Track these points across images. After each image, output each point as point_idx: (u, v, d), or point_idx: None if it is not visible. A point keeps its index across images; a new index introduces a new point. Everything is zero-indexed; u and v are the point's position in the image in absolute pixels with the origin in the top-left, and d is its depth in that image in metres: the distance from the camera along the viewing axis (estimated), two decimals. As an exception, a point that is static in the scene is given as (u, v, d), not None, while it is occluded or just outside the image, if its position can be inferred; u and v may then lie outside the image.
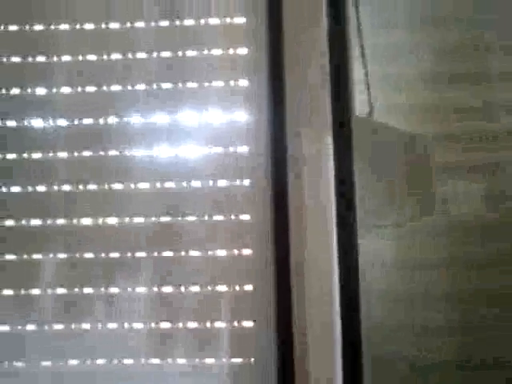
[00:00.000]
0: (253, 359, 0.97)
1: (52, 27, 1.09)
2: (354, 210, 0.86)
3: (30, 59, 1.09)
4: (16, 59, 1.09)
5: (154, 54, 1.08)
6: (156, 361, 1.00)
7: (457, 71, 1.05)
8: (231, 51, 1.06)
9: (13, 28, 1.09)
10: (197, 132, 1.05)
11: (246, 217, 1.01)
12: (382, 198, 0.91)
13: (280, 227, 0.95)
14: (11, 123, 1.08)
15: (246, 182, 1.02)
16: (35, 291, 1.03)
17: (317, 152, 0.93)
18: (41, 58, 1.09)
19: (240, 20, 1.06)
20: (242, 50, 1.05)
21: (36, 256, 1.04)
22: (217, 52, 1.06)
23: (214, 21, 1.07)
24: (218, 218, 1.02)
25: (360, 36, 1.00)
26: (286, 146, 0.95)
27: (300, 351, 0.92)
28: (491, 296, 0.99)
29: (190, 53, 1.07)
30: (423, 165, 0.93)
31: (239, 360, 0.99)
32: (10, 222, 1.06)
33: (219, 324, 0.99)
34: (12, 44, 1.09)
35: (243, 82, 1.05)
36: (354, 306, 0.90)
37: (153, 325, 1.01)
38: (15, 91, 1.09)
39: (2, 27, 1.09)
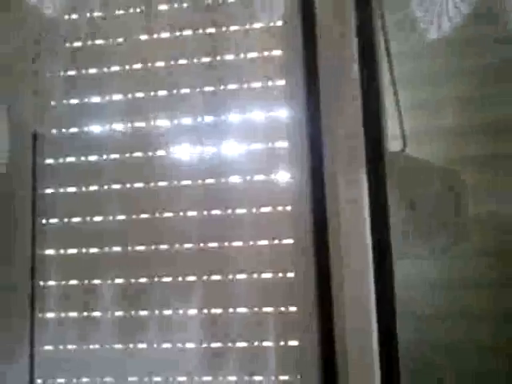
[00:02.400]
0: (299, 376, 1.02)
1: (105, 70, 1.19)
2: (389, 241, 0.89)
3: (86, 100, 1.19)
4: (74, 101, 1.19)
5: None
6: (208, 378, 1.07)
7: (489, 93, 1.07)
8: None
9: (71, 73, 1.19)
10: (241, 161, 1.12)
11: (289, 241, 1.07)
12: (415, 231, 0.94)
13: (322, 251, 1.00)
14: (71, 159, 1.18)
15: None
16: (96, 313, 1.12)
17: (352, 183, 0.98)
18: (95, 99, 1.18)
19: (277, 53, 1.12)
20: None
21: (95, 281, 1.13)
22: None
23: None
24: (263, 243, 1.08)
25: (390, 63, 1.02)
26: (323, 175, 1.00)
27: (341, 367, 0.96)
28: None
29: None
30: (455, 196, 0.95)
31: (286, 377, 1.04)
32: (72, 250, 1.15)
33: (266, 343, 1.05)
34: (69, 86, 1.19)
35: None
36: (391, 325, 0.93)
37: (204, 345, 1.08)
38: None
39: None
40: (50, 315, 1.13)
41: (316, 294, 0.99)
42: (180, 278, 1.10)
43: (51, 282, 1.14)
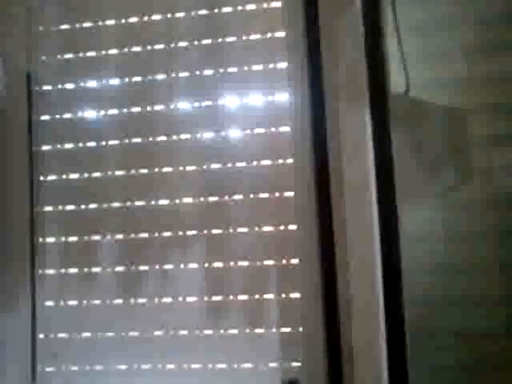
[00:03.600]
0: (301, 328, 1.02)
1: (99, 23, 1.16)
2: (393, 183, 0.88)
3: (81, 54, 1.16)
4: (69, 55, 1.16)
5: (195, 42, 1.12)
6: (209, 332, 1.07)
7: (494, 43, 1.04)
8: (269, 35, 1.09)
9: (65, 27, 1.17)
10: (240, 114, 1.10)
11: (290, 194, 1.05)
12: (421, 171, 0.92)
13: (322, 203, 0.98)
14: (67, 115, 1.16)
15: (289, 160, 1.05)
16: (96, 269, 1.11)
17: (355, 127, 0.95)
18: (91, 53, 1.16)
19: (277, 4, 1.09)
20: (280, 34, 1.08)
21: (95, 237, 1.12)
22: (255, 36, 1.09)
23: (251, 6, 1.11)
24: (263, 195, 1.07)
25: (394, 10, 0.99)
26: (325, 123, 0.98)
27: (345, 323, 0.95)
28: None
29: (230, 39, 1.11)
30: (462, 137, 0.94)
31: (288, 329, 1.04)
32: (70, 207, 1.14)
33: (268, 296, 1.04)
34: (65, 41, 1.16)
35: (282, 65, 1.08)
36: (397, 279, 0.92)
37: (205, 298, 1.07)
38: (70, 85, 1.16)
39: (56, 27, 1.17)
40: (51, 271, 1.13)
41: (318, 246, 0.98)
42: (180, 233, 1.09)
43: (51, 239, 1.13)
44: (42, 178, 1.15)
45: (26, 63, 1.14)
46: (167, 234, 1.09)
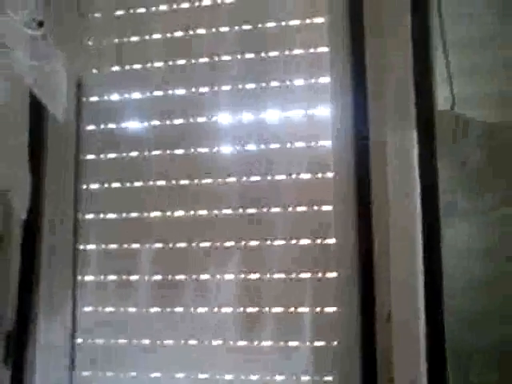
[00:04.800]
0: (335, 342, 1.00)
1: (146, 37, 1.19)
2: (438, 199, 0.86)
3: (127, 67, 1.20)
4: (116, 68, 1.20)
5: (238, 56, 1.14)
6: (243, 343, 1.06)
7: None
8: (312, 50, 1.10)
9: (115, 40, 1.21)
10: (281, 128, 1.10)
11: (329, 208, 1.04)
12: (465, 188, 0.90)
13: (363, 218, 0.97)
14: (111, 125, 1.19)
15: (330, 175, 1.05)
16: (134, 277, 1.13)
17: (400, 144, 0.94)
18: (137, 66, 1.19)
19: (320, 19, 1.10)
20: (323, 49, 1.09)
21: (135, 245, 1.14)
22: (298, 51, 1.10)
23: (294, 22, 1.12)
24: (302, 209, 1.06)
25: (442, 28, 0.99)
26: (369, 139, 0.97)
27: (383, 338, 0.93)
28: None
29: (273, 53, 1.12)
30: (507, 153, 0.92)
31: (322, 343, 1.02)
32: (112, 215, 1.17)
33: (302, 309, 1.03)
34: (113, 54, 1.20)
35: (324, 79, 1.08)
36: (438, 296, 0.90)
37: (241, 309, 1.07)
38: (115, 97, 1.20)
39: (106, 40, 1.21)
40: (91, 278, 1.15)
41: (357, 260, 0.96)
42: (218, 243, 1.09)
43: (91, 246, 1.16)
44: (85, 186, 1.18)
45: (77, 75, 1.18)
46: (205, 244, 1.10)
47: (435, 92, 0.93)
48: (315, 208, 1.06)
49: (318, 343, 1.02)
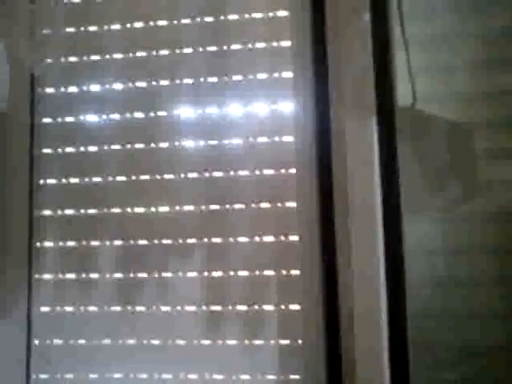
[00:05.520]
0: (300, 341, 1.00)
1: (105, 27, 1.15)
2: (399, 195, 0.87)
3: (85, 58, 1.15)
4: (73, 59, 1.16)
5: (200, 49, 1.12)
6: (207, 342, 1.05)
7: (497, 58, 1.04)
8: (275, 43, 1.09)
9: (70, 30, 1.16)
10: (243, 123, 1.09)
11: (292, 204, 1.04)
12: (426, 184, 0.92)
13: (326, 213, 0.98)
14: (69, 119, 1.15)
15: (292, 171, 1.04)
16: (94, 275, 1.10)
17: (361, 140, 0.94)
18: (95, 57, 1.15)
19: (283, 13, 1.09)
20: (286, 43, 1.08)
21: (94, 243, 1.11)
22: (260, 45, 1.09)
23: (257, 14, 1.11)
24: (265, 205, 1.06)
25: (402, 24, 0.99)
26: (329, 133, 0.97)
27: (346, 336, 0.94)
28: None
29: (235, 46, 1.10)
30: (466, 151, 0.94)
31: (287, 341, 1.02)
32: (69, 211, 1.13)
33: (267, 307, 1.03)
34: (69, 45, 1.16)
35: (287, 74, 1.07)
36: (400, 292, 0.91)
37: (204, 307, 1.06)
38: (72, 89, 1.15)
39: (60, 30, 1.16)
40: (48, 276, 1.11)
41: (320, 257, 0.97)
42: (180, 240, 1.08)
43: (48, 243, 1.12)
44: (41, 182, 1.14)
45: (30, 66, 1.13)
46: (167, 241, 1.08)
47: (396, 88, 0.93)
48: (279, 204, 1.05)
49: (283, 341, 1.02)
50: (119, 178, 1.12)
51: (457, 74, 1.03)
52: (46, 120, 1.15)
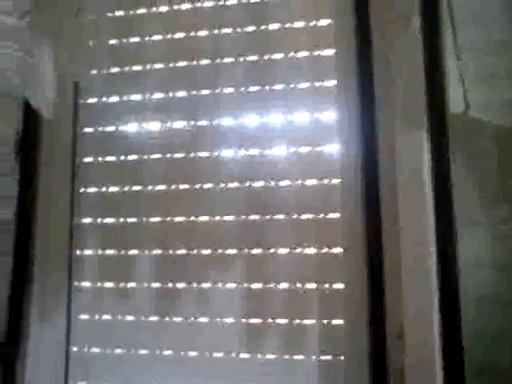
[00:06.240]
0: (343, 357, 0.97)
1: (146, 38, 1.16)
2: (452, 207, 0.83)
3: (126, 68, 1.16)
4: (115, 69, 1.16)
5: (241, 59, 1.11)
6: (246, 356, 1.03)
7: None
8: (317, 52, 1.07)
9: (113, 41, 1.18)
10: (285, 132, 1.07)
11: (336, 215, 1.01)
12: (478, 195, 0.87)
13: (372, 225, 0.94)
14: (110, 128, 1.16)
15: (336, 181, 1.02)
16: (132, 284, 1.09)
17: (411, 149, 0.91)
18: (136, 67, 1.16)
19: (326, 21, 1.07)
20: (329, 51, 1.06)
21: (133, 251, 1.10)
22: (303, 53, 1.07)
23: (299, 23, 1.09)
24: (308, 216, 1.03)
25: (454, 30, 0.96)
26: (377, 143, 0.94)
27: (394, 351, 0.90)
28: None
29: (277, 56, 1.09)
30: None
31: (329, 357, 0.99)
32: (109, 220, 1.13)
33: (309, 321, 1.00)
34: (111, 56, 1.17)
35: (330, 83, 1.05)
36: (454, 306, 0.86)
37: (243, 320, 1.03)
38: (114, 98, 1.16)
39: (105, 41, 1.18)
40: (87, 284, 1.11)
41: (366, 270, 0.93)
42: (220, 251, 1.06)
43: (88, 251, 1.12)
44: (82, 190, 1.14)
45: (74, 76, 1.14)
46: (206, 251, 1.07)
47: (448, 95, 0.89)
48: (321, 215, 1.02)
49: (324, 357, 0.99)
50: (159, 187, 1.11)
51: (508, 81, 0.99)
52: (88, 129, 1.16)
